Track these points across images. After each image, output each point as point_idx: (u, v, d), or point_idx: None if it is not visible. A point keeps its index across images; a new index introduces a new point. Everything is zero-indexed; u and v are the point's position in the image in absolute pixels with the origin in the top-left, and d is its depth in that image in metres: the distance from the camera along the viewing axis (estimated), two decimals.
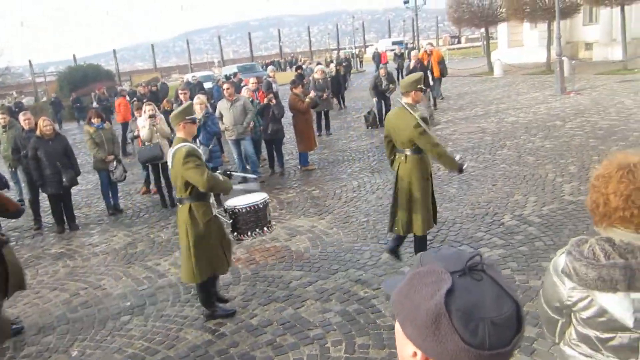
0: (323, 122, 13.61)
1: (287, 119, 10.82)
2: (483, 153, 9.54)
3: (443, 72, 16.37)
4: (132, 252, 6.86)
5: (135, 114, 10.20)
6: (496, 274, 1.00)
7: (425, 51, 15.68)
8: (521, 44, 30.14)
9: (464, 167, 5.75)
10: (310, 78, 13.57)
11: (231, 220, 4.67)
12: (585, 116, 11.80)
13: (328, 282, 5.28)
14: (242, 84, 12.80)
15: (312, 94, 10.05)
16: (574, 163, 8.28)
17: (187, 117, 4.55)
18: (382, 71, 13.76)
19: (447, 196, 7.41)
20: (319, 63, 18.11)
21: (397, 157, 5.11)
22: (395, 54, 29.65)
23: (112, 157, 8.51)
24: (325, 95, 12.74)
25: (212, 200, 4.66)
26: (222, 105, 9.26)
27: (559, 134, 10.33)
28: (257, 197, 4.78)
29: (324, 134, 13.52)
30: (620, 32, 20.20)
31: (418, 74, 5.12)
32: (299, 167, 10.23)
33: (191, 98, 10.01)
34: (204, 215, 4.46)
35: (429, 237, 5.49)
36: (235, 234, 4.73)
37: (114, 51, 53.24)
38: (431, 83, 15.02)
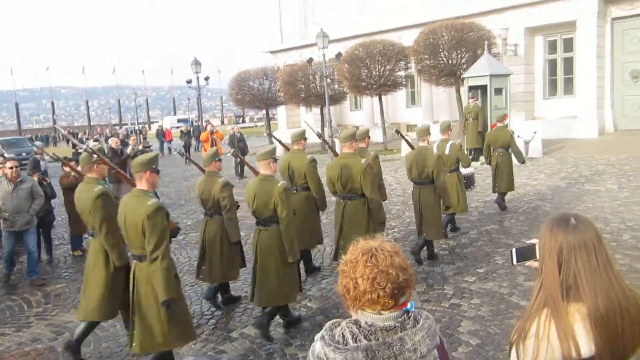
0: None
1: (60, 199, 9.85)
2: None
3: (244, 150, 16.85)
4: None
5: None
6: None
7: (208, 131, 15.99)
8: (299, 125, 32.65)
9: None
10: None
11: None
12: None
13: None
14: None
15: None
16: None
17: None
18: (128, 149, 13.99)
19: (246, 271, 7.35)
20: (112, 136, 17.19)
21: (493, 154, 9.71)
22: (181, 132, 29.60)
23: None
24: None
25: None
26: (2, 189, 7.78)
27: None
28: None
29: None
30: (379, 117, 23.24)
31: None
32: (71, 253, 9.24)
33: None
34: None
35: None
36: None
37: None
38: None
